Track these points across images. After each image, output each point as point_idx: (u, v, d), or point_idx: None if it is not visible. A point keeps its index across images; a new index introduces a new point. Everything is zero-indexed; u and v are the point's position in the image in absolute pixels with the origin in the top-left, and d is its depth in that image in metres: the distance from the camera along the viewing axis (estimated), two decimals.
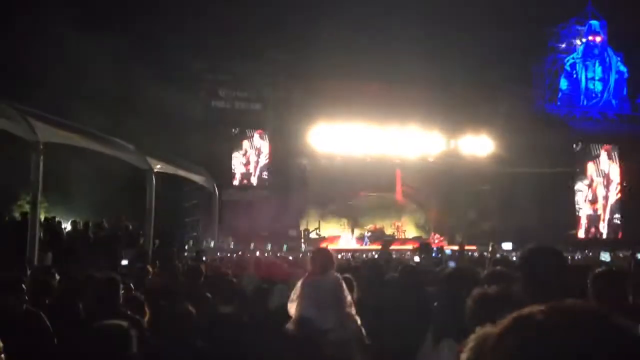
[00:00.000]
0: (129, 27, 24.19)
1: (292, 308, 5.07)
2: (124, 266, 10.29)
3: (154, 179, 12.91)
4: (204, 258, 12.04)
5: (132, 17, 24.47)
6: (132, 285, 5.95)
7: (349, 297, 5.17)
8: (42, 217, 14.19)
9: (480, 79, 27.05)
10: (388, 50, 26.78)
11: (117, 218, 15.37)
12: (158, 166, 13.30)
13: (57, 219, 15.09)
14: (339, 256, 14.49)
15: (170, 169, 14.88)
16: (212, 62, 27.96)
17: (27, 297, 4.54)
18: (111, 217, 15.93)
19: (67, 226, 16.02)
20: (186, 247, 20.78)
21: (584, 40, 32.95)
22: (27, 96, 14.94)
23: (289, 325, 4.92)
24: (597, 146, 32.04)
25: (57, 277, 6.18)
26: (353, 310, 5.16)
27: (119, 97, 22.12)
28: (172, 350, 3.88)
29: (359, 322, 5.16)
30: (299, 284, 5.21)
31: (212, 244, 19.73)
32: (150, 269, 7.98)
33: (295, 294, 5.13)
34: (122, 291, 4.83)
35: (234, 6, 26.12)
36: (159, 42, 23.97)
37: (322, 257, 5.51)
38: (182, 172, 16.14)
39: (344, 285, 5.21)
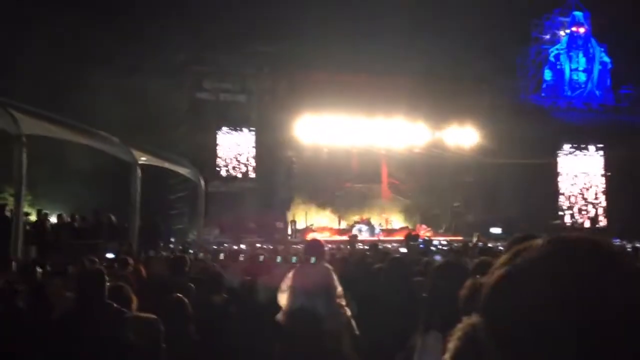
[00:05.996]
0: (112, 16, 23.97)
1: (282, 298, 5.07)
2: (109, 259, 10.22)
3: (138, 172, 12.85)
4: (190, 251, 12.00)
5: (115, 6, 24.25)
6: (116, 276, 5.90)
7: (339, 288, 5.18)
8: (30, 212, 14.10)
9: (464, 70, 27.11)
10: (373, 42, 26.70)
11: (101, 211, 15.29)
12: (143, 158, 13.25)
13: (44, 212, 14.97)
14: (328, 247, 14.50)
15: (155, 162, 14.82)
16: (197, 54, 27.76)
17: None
18: (96, 210, 15.84)
19: (51, 219, 15.90)
20: (172, 240, 20.71)
21: (567, 31, 33.10)
22: (8, 88, 14.78)
23: (280, 316, 4.92)
24: (581, 136, 32.23)
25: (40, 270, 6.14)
26: (343, 301, 5.17)
27: (103, 89, 21.90)
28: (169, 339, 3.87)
29: (349, 312, 5.17)
30: (290, 274, 5.20)
31: (197, 237, 19.69)
32: (132, 261, 7.91)
33: (286, 284, 5.13)
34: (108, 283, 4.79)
35: None
36: (143, 32, 23.75)
37: (313, 247, 5.53)
38: (167, 165, 16.09)
39: (335, 276, 5.22)
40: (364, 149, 29.03)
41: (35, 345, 4.18)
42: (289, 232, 26.47)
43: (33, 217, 14.49)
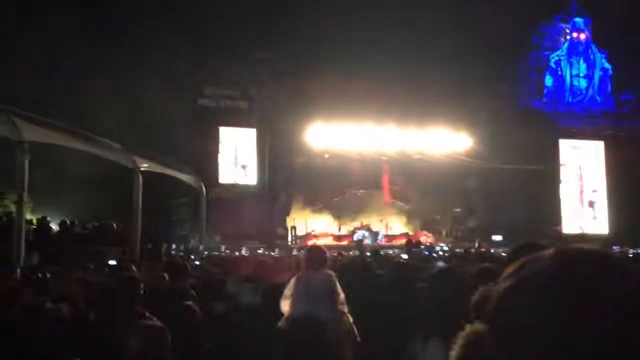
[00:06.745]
0: (113, 22, 24.04)
1: (285, 305, 5.06)
2: (111, 266, 10.22)
3: (140, 178, 12.86)
4: (192, 257, 12.01)
5: (116, 12, 24.31)
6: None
7: (342, 295, 5.18)
8: (33, 218, 14.12)
9: (466, 76, 27.12)
10: (372, 48, 26.76)
11: (103, 217, 15.31)
12: (144, 165, 13.26)
13: (45, 218, 15.00)
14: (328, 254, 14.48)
15: (157, 168, 14.83)
16: (197, 60, 27.82)
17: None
18: (97, 216, 15.87)
19: (54, 226, 15.92)
20: (173, 246, 20.71)
21: (568, 37, 33.14)
22: (8, 94, 14.82)
23: (282, 323, 4.91)
24: (582, 142, 32.24)
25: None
26: (346, 308, 5.17)
27: (104, 95, 21.96)
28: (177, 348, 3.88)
29: (351, 319, 5.17)
30: (293, 280, 5.20)
31: (199, 243, 19.68)
32: (134, 268, 7.86)
33: (289, 290, 5.13)
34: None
35: (219, 3, 26.07)
36: (143, 39, 23.81)
37: (316, 254, 5.53)
38: (168, 171, 16.09)
39: (337, 283, 5.22)
40: (364, 155, 29.03)
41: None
42: (290, 238, 26.51)
43: (34, 224, 14.52)
